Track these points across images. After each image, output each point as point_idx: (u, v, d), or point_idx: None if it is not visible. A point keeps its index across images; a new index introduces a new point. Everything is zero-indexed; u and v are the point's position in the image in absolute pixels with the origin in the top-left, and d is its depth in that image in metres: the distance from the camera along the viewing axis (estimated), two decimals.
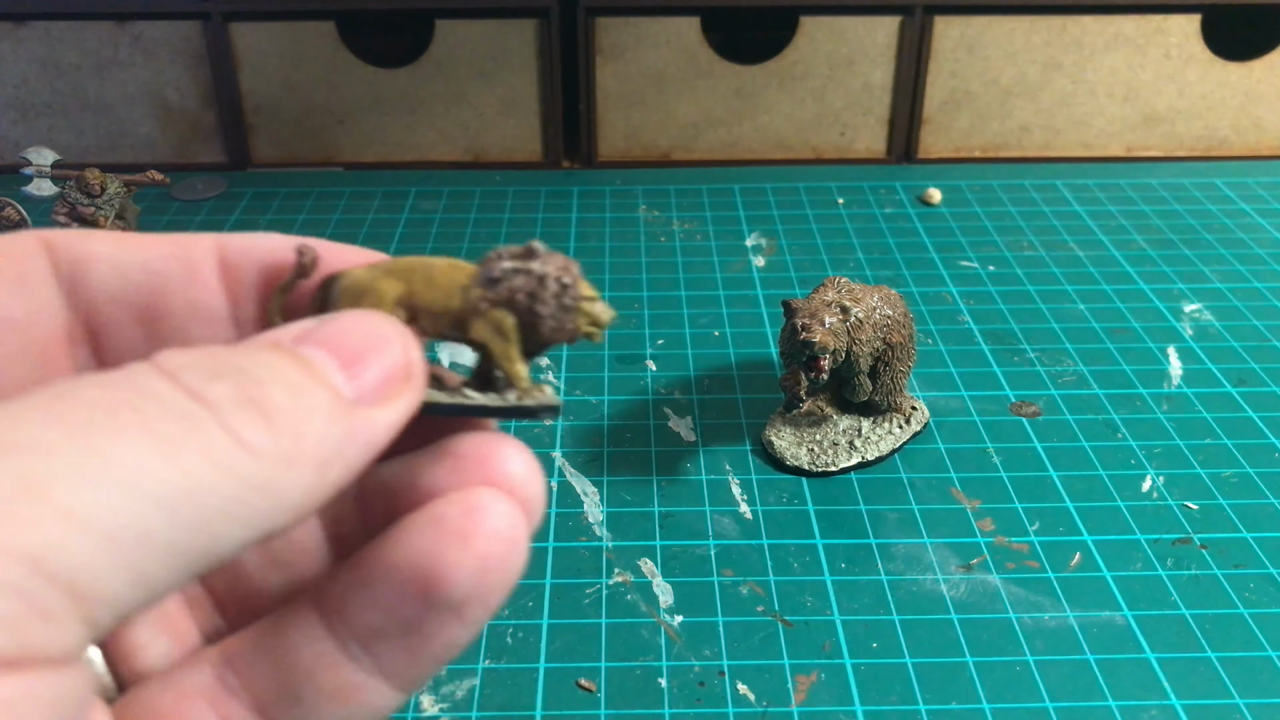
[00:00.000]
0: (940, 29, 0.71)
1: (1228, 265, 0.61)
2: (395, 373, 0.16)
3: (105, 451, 0.12)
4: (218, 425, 0.14)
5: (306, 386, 0.15)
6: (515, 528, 0.16)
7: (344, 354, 0.16)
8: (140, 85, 0.71)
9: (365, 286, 0.19)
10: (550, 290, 0.19)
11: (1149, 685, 0.35)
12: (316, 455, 0.14)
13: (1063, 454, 0.45)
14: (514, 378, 0.19)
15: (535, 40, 0.70)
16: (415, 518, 0.17)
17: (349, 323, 0.17)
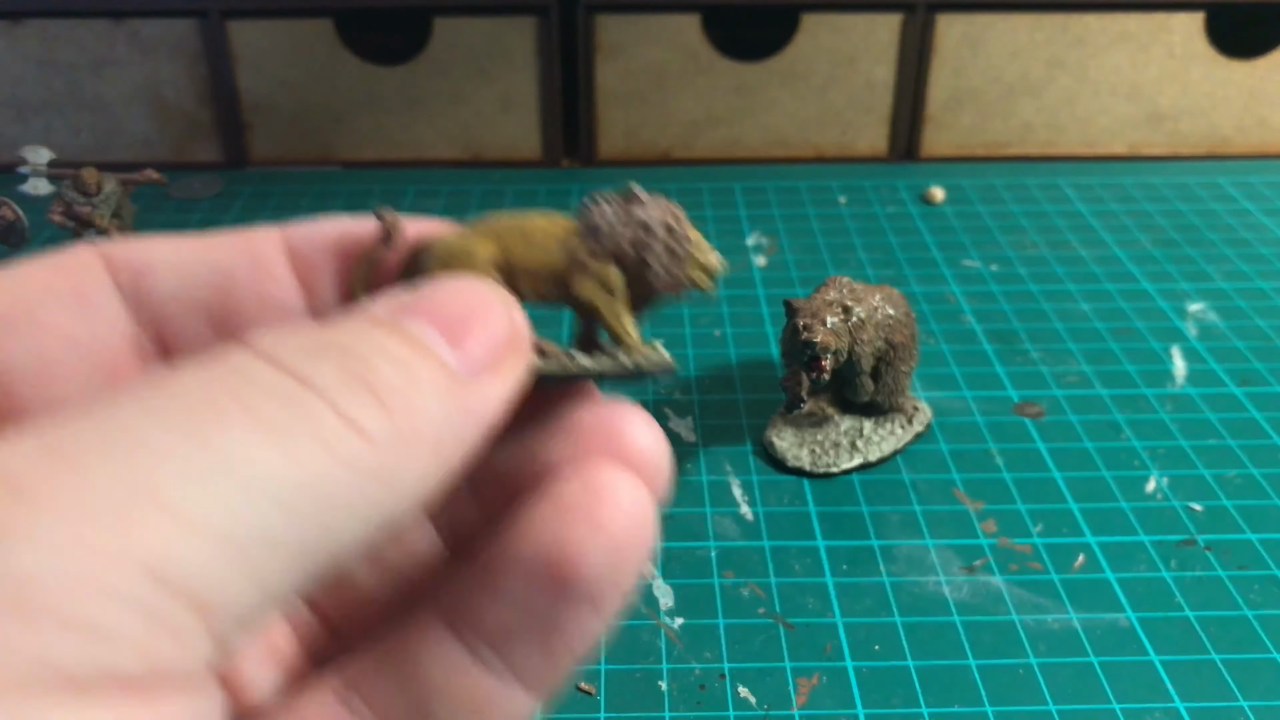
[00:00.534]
0: (943, 26, 0.71)
1: (1232, 265, 0.61)
2: (501, 340, 0.15)
3: (215, 445, 0.11)
4: (329, 409, 0.12)
5: (414, 362, 0.14)
6: (643, 503, 0.15)
7: (447, 324, 0.15)
8: (137, 83, 0.71)
9: (457, 251, 0.18)
10: (659, 237, 0.18)
11: (1153, 687, 0.34)
12: (432, 435, 0.13)
13: (1066, 455, 0.45)
14: (624, 337, 0.18)
15: (534, 38, 0.70)
16: (537, 503, 0.15)
17: (447, 290, 0.15)
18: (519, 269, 0.18)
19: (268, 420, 0.12)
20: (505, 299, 0.16)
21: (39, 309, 0.16)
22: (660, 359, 0.18)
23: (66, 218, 0.53)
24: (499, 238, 0.18)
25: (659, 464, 0.16)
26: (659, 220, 0.18)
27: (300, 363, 0.13)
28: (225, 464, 0.11)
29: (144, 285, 0.17)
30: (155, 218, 0.66)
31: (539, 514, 0.15)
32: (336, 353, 0.13)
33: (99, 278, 0.17)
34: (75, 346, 0.17)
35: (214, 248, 0.18)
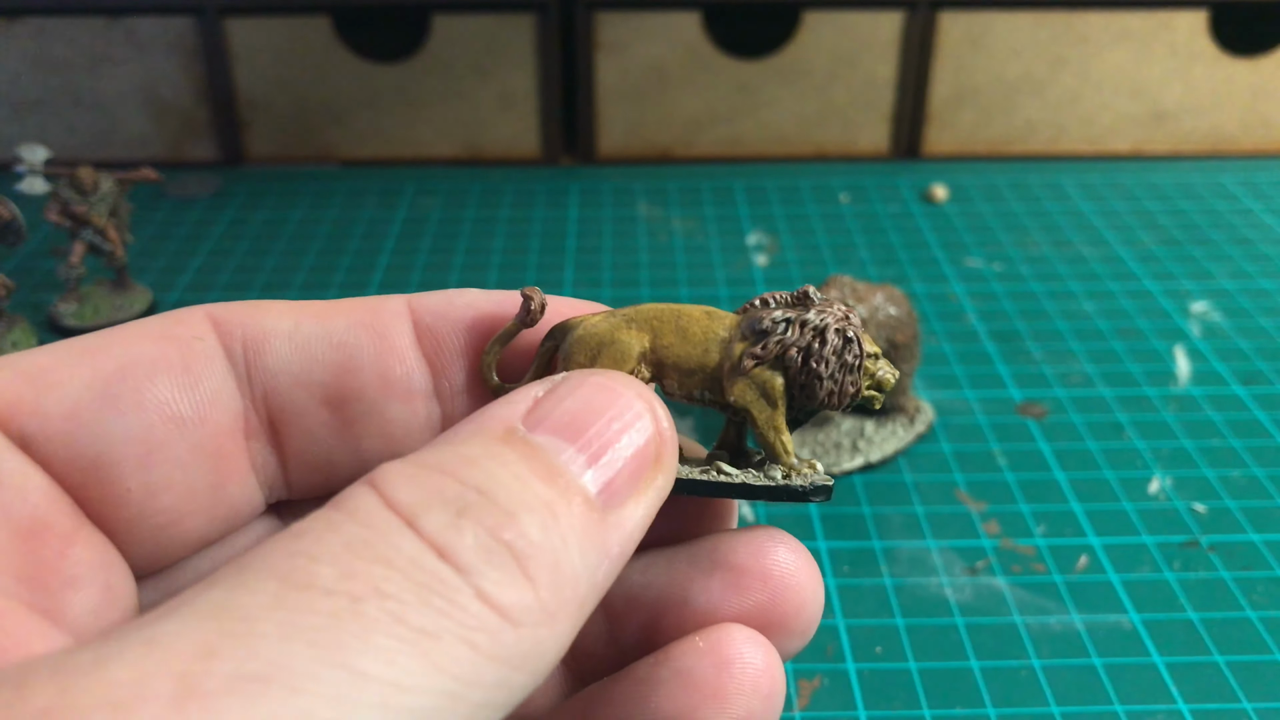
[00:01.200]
0: (945, 24, 0.70)
1: (1235, 264, 0.60)
2: (647, 455, 0.14)
3: (356, 667, 0.10)
4: (473, 595, 0.11)
5: (558, 507, 0.12)
6: (773, 679, 0.14)
7: (585, 437, 0.13)
8: (133, 81, 0.71)
9: (605, 338, 0.16)
10: (830, 347, 0.16)
11: (1156, 689, 0.34)
12: (575, 599, 0.12)
13: (1069, 455, 0.45)
14: (780, 453, 0.16)
15: (534, 35, 0.70)
16: (661, 671, 0.14)
17: (586, 392, 0.14)
18: (670, 365, 0.16)
19: (413, 623, 0.11)
20: (651, 402, 0.14)
21: (146, 385, 0.15)
22: (818, 479, 0.16)
23: (63, 216, 0.53)
24: (652, 327, 0.17)
25: (814, 609, 0.15)
26: (834, 328, 0.16)
27: (443, 528, 0.12)
28: (370, 693, 0.10)
29: (257, 357, 0.16)
30: (152, 216, 0.65)
31: (663, 684, 0.14)
32: (479, 507, 0.12)
33: (211, 349, 0.16)
34: (180, 427, 0.15)
35: (335, 318, 0.16)
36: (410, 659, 0.11)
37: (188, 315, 0.16)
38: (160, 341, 0.16)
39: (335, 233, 0.64)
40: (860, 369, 0.17)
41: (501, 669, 0.11)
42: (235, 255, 0.62)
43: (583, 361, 0.16)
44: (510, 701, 0.12)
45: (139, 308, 0.55)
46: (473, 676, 0.11)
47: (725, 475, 0.16)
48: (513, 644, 0.11)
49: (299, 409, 0.16)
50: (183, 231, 0.64)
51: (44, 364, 0.15)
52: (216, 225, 0.65)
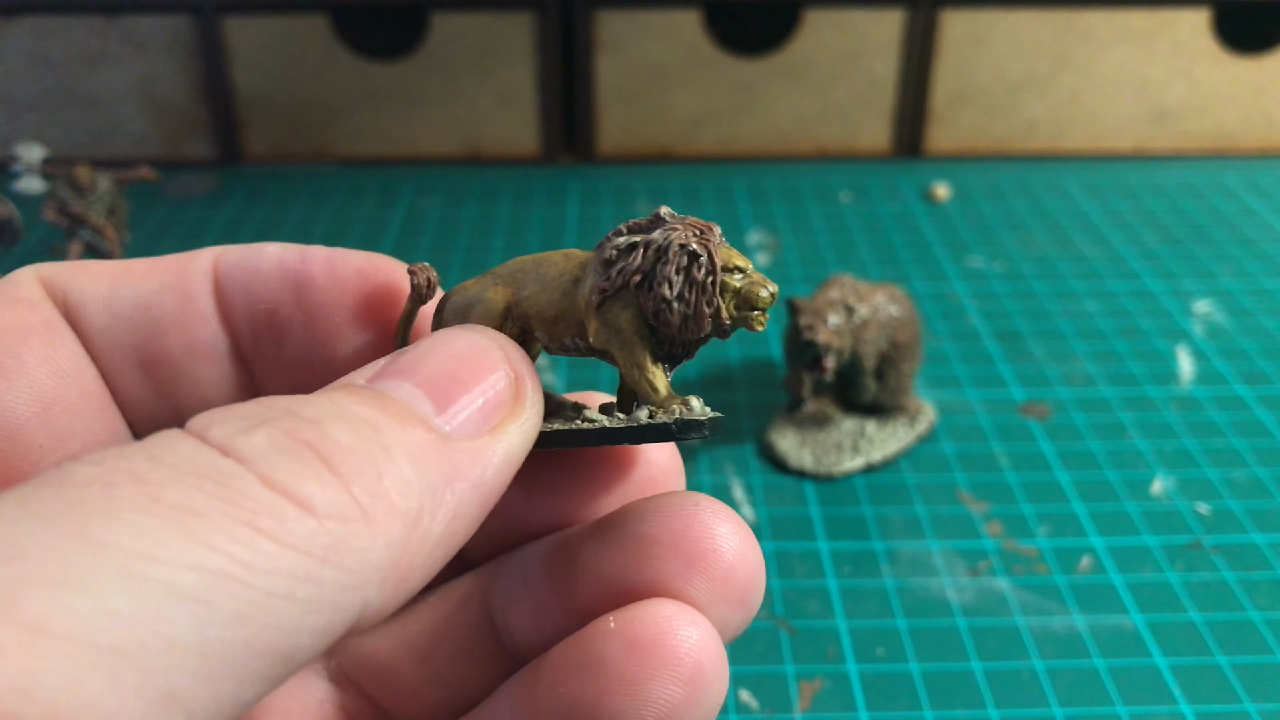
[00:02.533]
0: (947, 22, 0.70)
1: (1238, 263, 0.60)
2: (502, 394, 0.13)
3: (96, 538, 0.10)
4: (257, 481, 0.11)
5: (381, 423, 0.12)
6: (697, 661, 0.13)
7: (433, 382, 0.13)
8: (131, 80, 0.70)
9: (472, 298, 0.16)
10: (673, 266, 0.14)
11: (1159, 691, 0.34)
12: (404, 504, 0.11)
13: (1071, 456, 0.45)
14: (646, 390, 0.15)
15: (533, 33, 0.70)
16: (572, 653, 0.14)
17: (434, 344, 0.14)
18: (535, 316, 0.15)
19: (174, 502, 0.10)
20: (505, 347, 0.14)
21: (22, 348, 0.15)
22: (690, 415, 0.14)
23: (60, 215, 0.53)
24: (515, 280, 0.16)
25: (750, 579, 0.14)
26: (676, 244, 0.14)
27: (231, 433, 0.11)
28: (110, 558, 0.10)
29: (75, 320, 0.16)
30: (150, 215, 0.65)
31: (574, 668, 0.13)
32: (280, 418, 0.12)
33: (54, 311, 0.16)
34: (64, 379, 0.16)
35: (147, 280, 0.16)
36: (165, 533, 0.10)
37: (23, 280, 0.16)
38: (15, 307, 0.16)
39: (334, 232, 0.64)
40: (714, 285, 0.14)
41: (299, 558, 0.10)
42: None
43: (454, 323, 0.16)
44: (327, 600, 0.11)
45: None
46: (255, 560, 0.10)
47: (587, 422, 0.15)
48: (313, 534, 0.11)
49: (116, 372, 0.16)
50: (181, 230, 0.64)
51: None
52: (214, 224, 0.65)
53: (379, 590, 0.11)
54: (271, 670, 0.10)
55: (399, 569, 0.11)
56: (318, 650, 0.11)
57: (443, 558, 0.12)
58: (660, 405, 0.15)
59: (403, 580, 0.12)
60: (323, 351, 0.16)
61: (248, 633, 0.10)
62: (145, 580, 0.10)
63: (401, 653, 0.17)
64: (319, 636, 0.11)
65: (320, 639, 0.11)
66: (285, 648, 0.10)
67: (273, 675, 0.10)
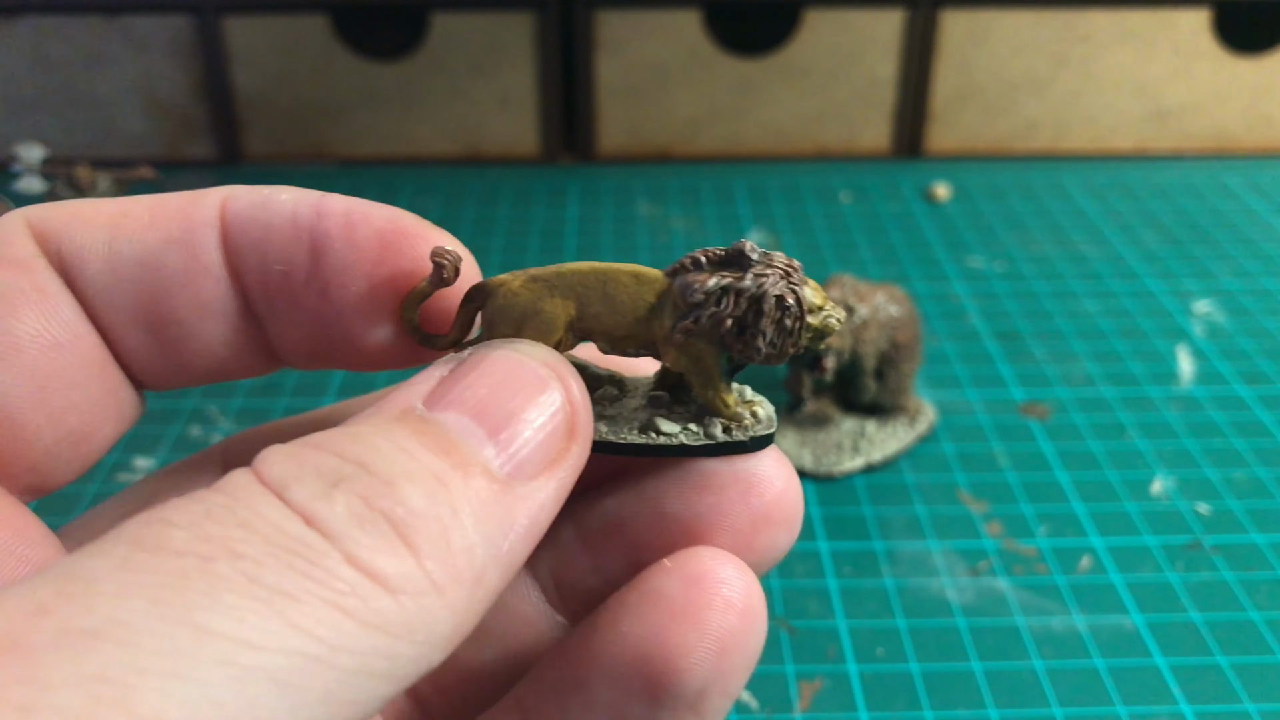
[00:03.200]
0: (947, 22, 0.70)
1: (1238, 263, 0.60)
2: (558, 430, 0.13)
3: (202, 624, 0.10)
4: (342, 559, 0.11)
5: (449, 478, 0.12)
6: (750, 595, 0.14)
7: (490, 415, 0.12)
8: (131, 80, 0.70)
9: (528, 309, 0.15)
10: (769, 317, 0.15)
11: (1158, 691, 0.34)
12: (470, 571, 0.11)
13: (1071, 456, 0.45)
14: (719, 408, 0.16)
15: (533, 33, 0.70)
16: (630, 595, 0.14)
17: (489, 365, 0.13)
18: (600, 333, 0.16)
19: (267, 582, 0.10)
20: (562, 375, 0.14)
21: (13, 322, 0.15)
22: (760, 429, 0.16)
23: None
24: (577, 294, 0.15)
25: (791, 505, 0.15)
26: (772, 295, 0.15)
27: (312, 497, 0.11)
28: (212, 647, 0.10)
29: (74, 282, 0.15)
30: None
31: (632, 608, 0.14)
32: (355, 477, 0.11)
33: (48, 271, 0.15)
34: (60, 351, 0.15)
35: (150, 231, 0.15)
36: (262, 618, 0.10)
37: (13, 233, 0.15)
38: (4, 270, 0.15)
39: None
40: (801, 330, 0.16)
41: (379, 636, 0.11)
42: None
43: (506, 333, 0.16)
44: (398, 672, 0.11)
45: None
46: (341, 641, 0.10)
47: (664, 436, 0.15)
48: (391, 612, 0.11)
49: (118, 332, 0.16)
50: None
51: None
52: None
53: (443, 654, 0.11)
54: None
55: (461, 632, 0.12)
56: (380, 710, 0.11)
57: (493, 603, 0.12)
58: (732, 419, 0.16)
59: (461, 638, 0.12)
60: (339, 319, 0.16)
61: (331, 710, 0.10)
62: (246, 669, 0.10)
63: None
64: (386, 701, 0.11)
65: (386, 702, 0.11)
66: (362, 713, 0.11)
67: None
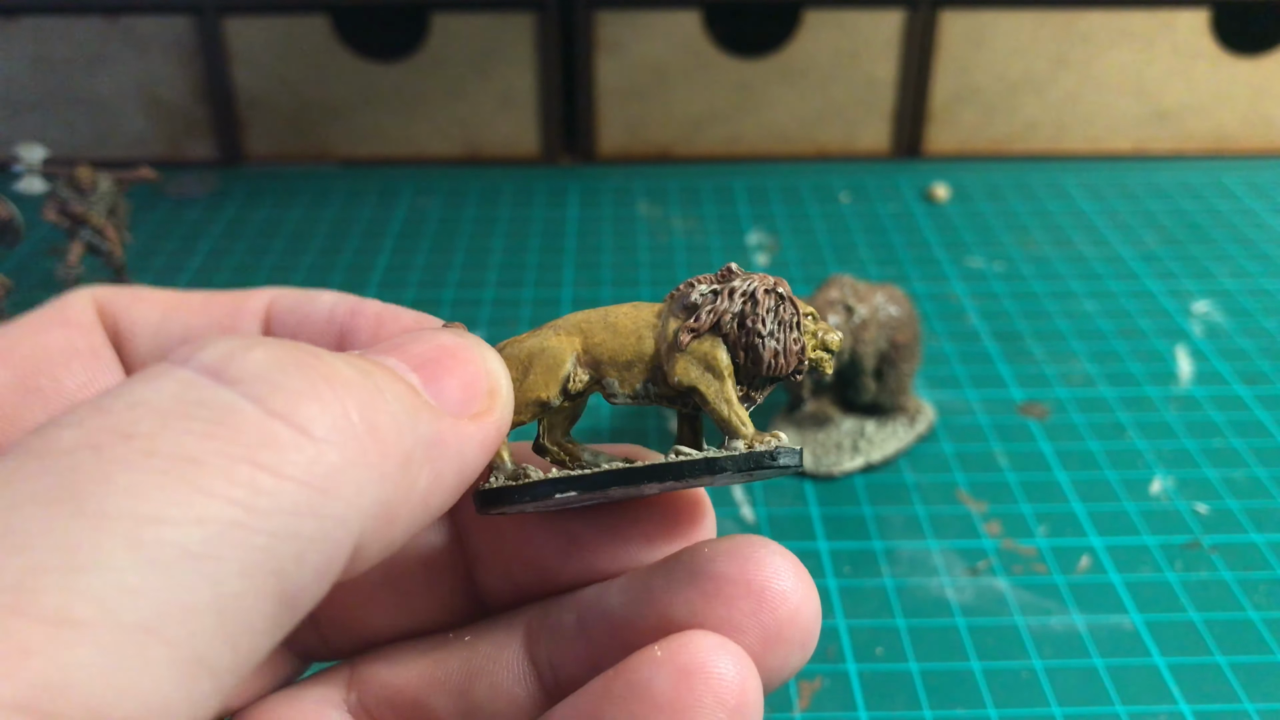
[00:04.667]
0: (946, 23, 0.70)
1: (1236, 263, 0.60)
2: (478, 384, 0.14)
3: (98, 510, 0.09)
4: (254, 406, 0.10)
5: (376, 373, 0.12)
6: (745, 690, 0.13)
7: (419, 362, 0.13)
8: (132, 81, 0.70)
9: (534, 349, 0.16)
10: (764, 306, 0.15)
11: (1157, 690, 0.34)
12: (397, 445, 0.11)
13: (1070, 456, 0.45)
14: (736, 425, 0.15)
15: (533, 34, 0.70)
16: (616, 684, 0.13)
17: (418, 334, 0.14)
18: (606, 361, 0.16)
19: (170, 452, 0.09)
20: (483, 348, 0.14)
21: (63, 373, 0.15)
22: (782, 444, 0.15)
23: (61, 216, 0.53)
24: (581, 330, 0.16)
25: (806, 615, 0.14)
26: (762, 289, 0.16)
27: (224, 356, 0.10)
28: (119, 532, 0.09)
29: (122, 344, 0.16)
30: (150, 215, 0.65)
31: (618, 706, 0.13)
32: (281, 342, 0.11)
33: (102, 336, 0.16)
34: None
35: (198, 316, 0.16)
36: (165, 490, 0.09)
37: (77, 302, 0.16)
38: (64, 329, 0.16)
39: (334, 232, 0.64)
40: (799, 325, 0.16)
41: (301, 491, 0.10)
42: (234, 255, 0.61)
43: (515, 376, 0.16)
44: (328, 537, 0.10)
45: None
46: (258, 501, 0.10)
47: (685, 454, 0.15)
48: (314, 463, 0.10)
49: None
50: (181, 231, 0.64)
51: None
52: (215, 225, 0.65)
53: (373, 527, 0.11)
54: (281, 616, 0.10)
55: (388, 510, 0.11)
56: (319, 594, 0.10)
57: (422, 518, 0.12)
58: (751, 440, 0.15)
59: (390, 524, 0.11)
60: None
61: (257, 581, 0.10)
62: (155, 546, 0.09)
63: (435, 690, 0.17)
64: (320, 576, 0.10)
65: (321, 579, 0.10)
66: (292, 591, 0.10)
67: (284, 621, 0.10)
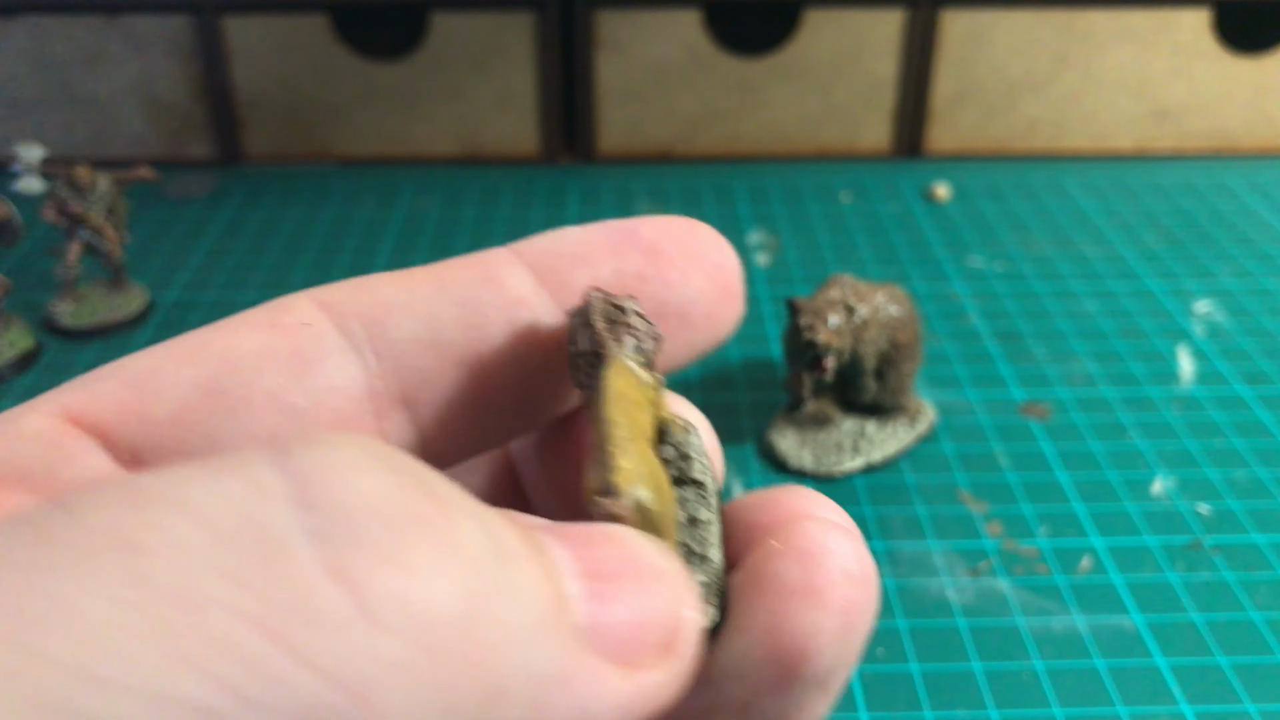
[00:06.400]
0: (947, 22, 0.70)
1: (1238, 263, 0.60)
2: (657, 627, 0.11)
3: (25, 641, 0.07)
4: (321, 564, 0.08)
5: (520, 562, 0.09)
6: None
7: (595, 568, 0.11)
8: (130, 80, 0.70)
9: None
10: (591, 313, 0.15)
11: (1159, 691, 0.34)
12: (493, 670, 0.08)
13: (1071, 456, 0.45)
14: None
15: (533, 33, 0.70)
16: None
17: (625, 539, 0.11)
18: None
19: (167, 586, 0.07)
20: (691, 591, 0.12)
21: (254, 377, 0.14)
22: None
23: (60, 215, 0.53)
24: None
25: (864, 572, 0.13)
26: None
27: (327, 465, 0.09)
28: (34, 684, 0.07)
29: (382, 334, 0.15)
30: (149, 215, 0.65)
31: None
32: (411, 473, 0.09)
33: (323, 332, 0.15)
34: (295, 416, 0.14)
35: (449, 277, 0.16)
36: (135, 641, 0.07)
37: (293, 302, 0.15)
38: (266, 330, 0.15)
39: (333, 231, 0.64)
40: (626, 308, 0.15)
41: (329, 690, 0.08)
42: (233, 254, 0.61)
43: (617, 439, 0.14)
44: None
45: (135, 307, 0.55)
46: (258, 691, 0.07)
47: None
48: (365, 653, 0.08)
49: (431, 375, 0.15)
50: (180, 230, 0.64)
51: (148, 367, 0.14)
52: (214, 224, 0.65)
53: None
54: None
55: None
56: None
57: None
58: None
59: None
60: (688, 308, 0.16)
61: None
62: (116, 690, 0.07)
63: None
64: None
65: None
66: None
67: None
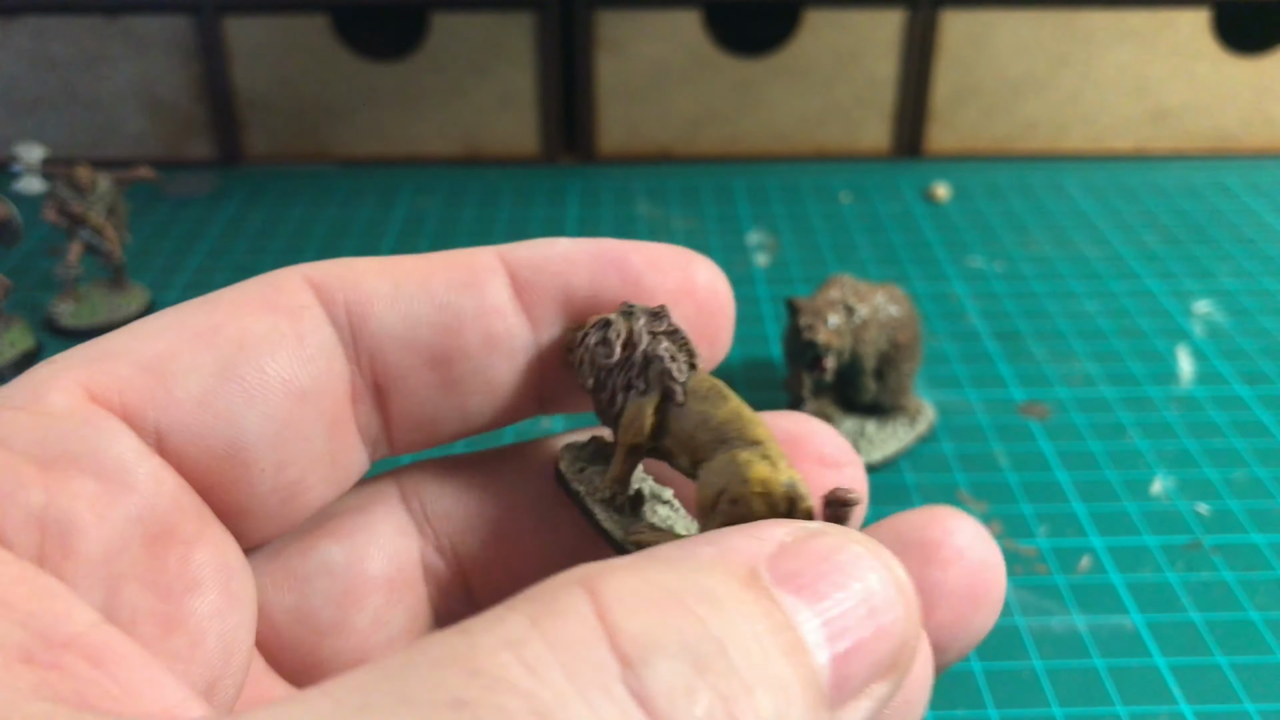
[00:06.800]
0: (947, 22, 0.70)
1: (1238, 263, 0.60)
2: (884, 651, 0.12)
3: None
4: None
5: (793, 692, 0.11)
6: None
7: (840, 630, 0.12)
8: (131, 80, 0.70)
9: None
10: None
11: (1158, 691, 0.34)
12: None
13: (1071, 456, 0.45)
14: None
15: (533, 33, 0.70)
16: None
17: (838, 559, 0.12)
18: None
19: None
20: (909, 596, 0.13)
21: (268, 362, 0.15)
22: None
23: (60, 215, 0.53)
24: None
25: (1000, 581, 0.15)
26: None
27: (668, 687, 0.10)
28: None
29: (363, 325, 0.16)
30: (149, 215, 0.65)
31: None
32: (717, 668, 0.10)
33: (316, 316, 0.16)
34: (303, 400, 0.15)
35: (433, 277, 0.16)
36: None
37: (286, 281, 0.16)
38: (271, 313, 0.15)
39: (334, 231, 0.64)
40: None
41: None
42: (233, 254, 0.61)
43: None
44: None
45: (136, 307, 0.55)
46: None
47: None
48: None
49: (403, 371, 0.16)
50: (180, 230, 0.64)
51: (162, 350, 0.15)
52: (214, 224, 0.65)
53: None
54: None
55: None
56: None
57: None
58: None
59: None
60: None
61: None
62: None
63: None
64: None
65: None
66: None
67: None
